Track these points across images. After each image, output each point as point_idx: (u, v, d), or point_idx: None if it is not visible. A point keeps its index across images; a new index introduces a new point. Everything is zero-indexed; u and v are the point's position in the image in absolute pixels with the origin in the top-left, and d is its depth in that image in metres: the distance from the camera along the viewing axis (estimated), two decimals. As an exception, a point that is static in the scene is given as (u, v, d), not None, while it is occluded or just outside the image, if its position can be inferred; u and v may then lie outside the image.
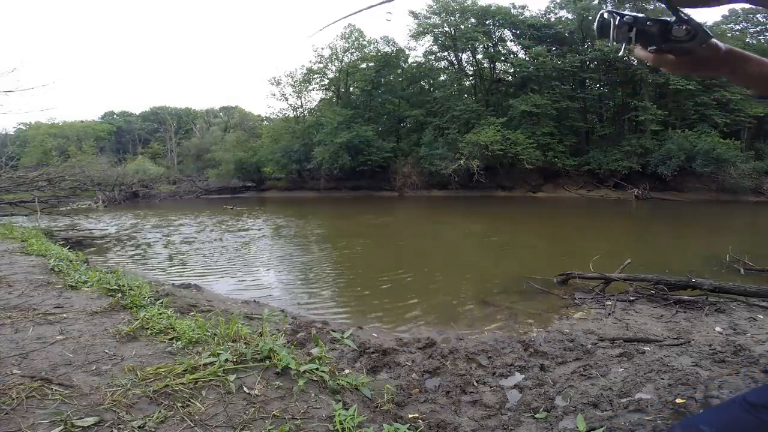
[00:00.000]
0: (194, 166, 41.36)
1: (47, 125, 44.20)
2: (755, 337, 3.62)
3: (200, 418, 1.58)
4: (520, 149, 24.32)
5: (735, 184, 21.61)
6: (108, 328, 2.44)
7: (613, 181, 25.09)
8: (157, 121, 57.99)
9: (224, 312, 3.97)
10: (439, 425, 2.16)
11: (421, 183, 27.88)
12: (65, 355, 2.05)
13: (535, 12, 31.53)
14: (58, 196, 15.56)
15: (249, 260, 8.31)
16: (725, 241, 8.09)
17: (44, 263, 4.41)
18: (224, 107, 59.99)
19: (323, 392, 1.94)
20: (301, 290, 6.24)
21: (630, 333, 3.84)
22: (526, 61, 28.34)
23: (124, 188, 25.88)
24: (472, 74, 32.99)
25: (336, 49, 31.96)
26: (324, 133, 28.24)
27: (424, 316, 4.81)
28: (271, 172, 33.01)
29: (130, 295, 3.14)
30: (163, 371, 1.89)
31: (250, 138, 38.62)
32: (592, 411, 2.42)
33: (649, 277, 5.14)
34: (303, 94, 34.38)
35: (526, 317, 4.56)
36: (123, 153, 50.57)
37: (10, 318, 2.56)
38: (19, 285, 3.44)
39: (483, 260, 8.13)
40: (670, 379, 2.74)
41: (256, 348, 2.14)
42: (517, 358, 3.25)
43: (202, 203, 25.61)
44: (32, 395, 1.63)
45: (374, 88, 31.75)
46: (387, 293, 5.79)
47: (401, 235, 12.50)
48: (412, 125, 31.50)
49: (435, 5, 29.89)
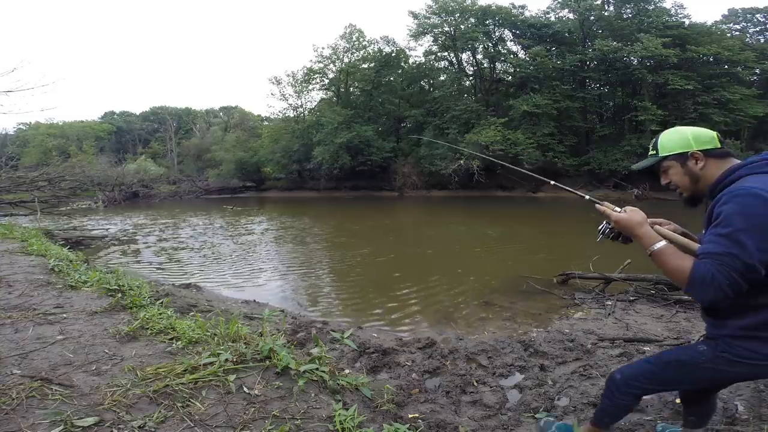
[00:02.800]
0: (194, 166, 41.43)
1: (46, 125, 44.23)
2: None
3: (200, 418, 1.58)
4: (521, 149, 24.34)
5: (735, 184, 21.61)
6: (108, 328, 2.44)
7: (613, 181, 25.09)
8: (157, 121, 58.05)
9: (224, 312, 3.97)
10: (439, 425, 2.16)
11: (421, 183, 27.90)
12: (65, 355, 2.05)
13: (535, 12, 31.65)
14: (58, 196, 15.59)
15: (249, 260, 8.31)
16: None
17: (44, 263, 4.41)
18: (224, 107, 60.12)
19: (323, 392, 1.94)
20: (301, 290, 6.23)
21: (630, 333, 3.84)
22: (526, 61, 28.33)
23: (124, 188, 25.87)
24: (472, 74, 33.01)
25: (336, 48, 32.00)
26: (324, 133, 28.25)
27: (424, 316, 4.80)
28: (271, 172, 33.04)
29: (130, 295, 3.14)
30: (163, 371, 1.89)
31: (250, 138, 38.62)
32: (592, 411, 2.42)
33: (649, 277, 5.13)
34: (303, 94, 34.43)
35: (526, 317, 4.56)
36: (123, 153, 50.63)
37: (10, 318, 2.56)
38: (19, 285, 3.45)
39: (483, 260, 8.12)
40: (670, 379, 2.74)
41: (256, 348, 2.14)
42: (517, 358, 3.24)
43: (202, 203, 25.62)
44: (32, 395, 1.63)
45: (374, 88, 31.75)
46: (387, 293, 5.79)
47: (401, 234, 12.50)
48: (412, 125, 31.51)
49: (434, 5, 29.92)
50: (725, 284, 1.21)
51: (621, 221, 1.49)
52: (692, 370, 1.47)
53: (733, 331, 1.38)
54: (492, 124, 25.71)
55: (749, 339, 1.34)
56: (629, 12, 28.50)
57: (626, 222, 1.47)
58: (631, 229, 1.46)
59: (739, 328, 1.36)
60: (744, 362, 1.36)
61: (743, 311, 1.35)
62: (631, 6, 28.38)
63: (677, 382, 1.60)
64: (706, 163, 1.41)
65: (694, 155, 1.42)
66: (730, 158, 1.41)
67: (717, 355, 1.40)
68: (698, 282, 1.25)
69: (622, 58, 26.28)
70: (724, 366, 1.40)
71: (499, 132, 24.86)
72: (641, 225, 1.45)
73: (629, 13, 28.48)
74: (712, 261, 1.24)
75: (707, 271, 1.23)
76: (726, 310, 1.39)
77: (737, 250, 1.20)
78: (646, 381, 1.56)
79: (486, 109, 28.88)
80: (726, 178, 1.36)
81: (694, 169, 1.43)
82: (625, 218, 1.48)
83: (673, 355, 1.57)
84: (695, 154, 1.42)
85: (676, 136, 1.48)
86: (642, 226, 1.45)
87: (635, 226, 1.45)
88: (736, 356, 1.36)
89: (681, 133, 1.47)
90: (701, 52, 24.80)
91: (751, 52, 24.90)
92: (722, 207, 1.27)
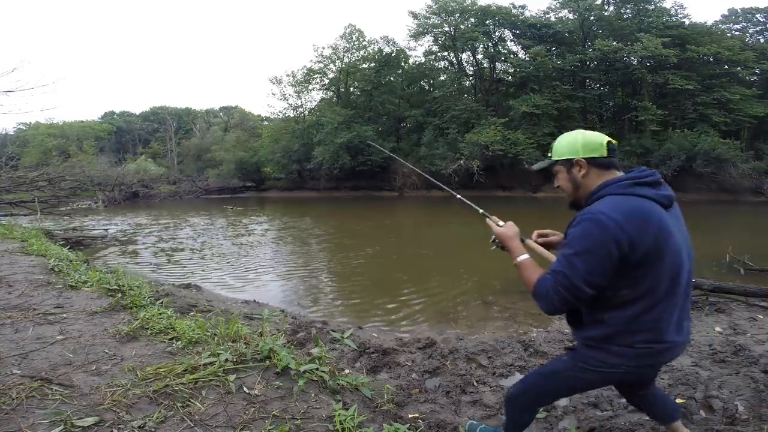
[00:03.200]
0: (194, 166, 41.41)
1: (46, 125, 44.22)
2: (755, 337, 3.62)
3: (200, 418, 1.58)
4: (521, 149, 24.33)
5: (735, 184, 21.61)
6: (108, 328, 2.44)
7: (613, 181, 25.08)
8: (157, 121, 58.04)
9: (224, 312, 3.97)
10: (439, 425, 2.16)
11: (421, 183, 27.84)
12: (65, 355, 2.05)
13: (535, 12, 31.61)
14: (58, 196, 15.57)
15: (249, 260, 8.31)
16: (725, 241, 8.08)
17: (44, 263, 4.41)
18: (224, 107, 60.11)
19: (323, 392, 1.94)
20: (301, 290, 6.24)
21: (630, 333, 3.84)
22: (526, 61, 28.33)
23: (124, 188, 25.84)
24: (472, 74, 33.02)
25: (336, 48, 31.99)
26: (324, 133, 28.24)
27: (424, 316, 4.80)
28: (271, 172, 33.01)
29: (130, 295, 3.14)
30: (163, 371, 1.89)
31: (250, 138, 38.61)
32: (592, 411, 2.42)
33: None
34: (303, 94, 34.40)
35: (526, 317, 4.56)
36: (123, 153, 50.63)
37: (10, 318, 2.56)
38: (19, 285, 3.45)
39: (483, 260, 8.12)
40: (670, 379, 2.74)
41: (256, 348, 2.14)
42: (517, 358, 3.24)
43: (202, 203, 25.61)
44: (32, 395, 1.63)
45: (374, 88, 31.74)
46: (387, 293, 5.78)
47: (401, 234, 12.50)
48: (412, 125, 31.51)
49: (434, 5, 29.92)
50: (555, 299, 1.33)
51: (499, 235, 1.64)
52: (564, 379, 1.57)
53: (586, 341, 1.47)
54: (492, 124, 25.71)
55: (596, 349, 1.44)
56: (629, 12, 28.51)
57: (501, 235, 1.63)
58: (504, 241, 1.62)
59: (590, 338, 1.45)
60: (594, 370, 1.46)
61: (592, 324, 1.44)
62: (631, 6, 28.39)
63: (559, 391, 1.69)
64: (588, 171, 1.44)
65: (578, 162, 1.45)
66: (612, 170, 1.44)
67: (575, 364, 1.52)
68: (537, 295, 1.40)
69: (622, 58, 26.29)
70: (580, 373, 1.51)
71: (499, 132, 24.86)
72: (511, 239, 1.60)
73: (629, 13, 28.49)
74: (552, 278, 1.35)
75: (545, 287, 1.36)
76: (580, 322, 1.48)
77: (569, 271, 1.31)
78: (534, 393, 1.67)
79: (486, 109, 28.89)
80: (595, 194, 1.41)
81: (577, 176, 1.46)
82: (501, 232, 1.63)
83: (548, 366, 1.71)
84: (579, 161, 1.45)
85: (567, 141, 1.50)
86: (512, 240, 1.59)
87: (506, 240, 1.61)
88: (588, 365, 1.47)
89: (573, 139, 1.48)
90: (701, 52, 24.80)
91: (751, 52, 24.90)
92: (572, 229, 1.36)
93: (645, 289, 1.32)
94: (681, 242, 1.36)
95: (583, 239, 1.30)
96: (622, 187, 1.36)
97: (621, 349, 1.38)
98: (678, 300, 1.37)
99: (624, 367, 1.41)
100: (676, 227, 1.36)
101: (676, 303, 1.37)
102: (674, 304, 1.36)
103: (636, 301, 1.33)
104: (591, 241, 1.28)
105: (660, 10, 27.49)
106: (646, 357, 1.39)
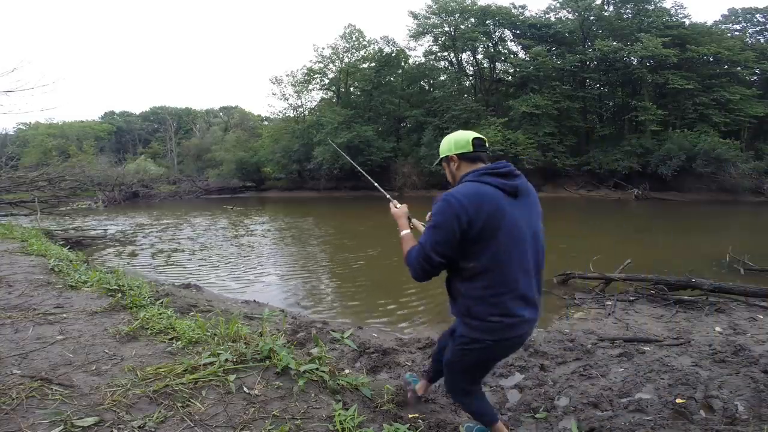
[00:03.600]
0: (194, 166, 41.39)
1: (46, 125, 44.20)
2: (755, 337, 3.62)
3: (200, 418, 1.58)
4: (521, 149, 24.32)
5: (735, 184, 21.61)
6: (108, 328, 2.44)
7: (613, 181, 25.09)
8: (157, 121, 58.05)
9: (224, 312, 3.97)
10: (439, 425, 2.16)
11: (421, 183, 27.84)
12: (65, 355, 2.05)
13: (535, 12, 31.60)
14: (58, 196, 15.55)
15: (249, 260, 8.31)
16: (725, 241, 8.09)
17: (44, 263, 4.41)
18: (224, 107, 60.09)
19: (323, 392, 1.94)
20: (301, 290, 6.23)
21: (630, 333, 3.84)
22: (526, 61, 28.33)
23: (124, 188, 25.83)
24: (472, 74, 33.02)
25: (336, 48, 31.98)
26: (324, 133, 28.22)
27: (424, 316, 4.80)
28: (271, 172, 33.00)
29: (130, 295, 3.14)
30: (163, 371, 1.89)
31: (250, 138, 38.62)
32: (592, 411, 2.42)
33: (649, 277, 5.13)
34: (303, 94, 34.39)
35: (526, 317, 4.55)
36: (123, 153, 50.63)
37: (10, 318, 2.56)
38: (19, 285, 3.45)
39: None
40: (670, 379, 2.74)
41: (256, 348, 2.14)
42: (517, 358, 3.24)
43: (202, 203, 25.60)
44: (32, 395, 1.63)
45: (374, 88, 31.72)
46: (387, 293, 5.78)
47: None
48: (412, 125, 31.50)
49: (434, 5, 29.92)
50: (417, 266, 1.58)
51: (393, 214, 1.97)
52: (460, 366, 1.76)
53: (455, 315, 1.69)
54: (492, 124, 25.70)
55: (463, 325, 1.65)
56: (629, 12, 28.50)
57: (394, 215, 1.96)
58: (396, 218, 1.93)
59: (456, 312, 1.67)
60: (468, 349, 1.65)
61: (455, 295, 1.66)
62: (631, 6, 28.38)
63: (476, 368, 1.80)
64: (459, 164, 1.73)
65: (452, 158, 1.74)
66: (478, 162, 1.70)
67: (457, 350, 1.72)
68: (407, 263, 1.64)
69: (622, 58, 26.28)
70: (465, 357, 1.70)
71: (500, 132, 24.85)
72: (400, 218, 1.92)
73: (629, 13, 28.48)
74: (417, 248, 1.60)
75: (412, 256, 1.62)
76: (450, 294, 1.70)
77: (424, 240, 1.57)
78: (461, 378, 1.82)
79: (486, 109, 28.88)
80: (460, 182, 1.67)
81: (453, 168, 1.75)
82: (394, 212, 1.97)
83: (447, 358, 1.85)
84: (452, 157, 1.73)
85: (445, 141, 1.77)
86: (400, 218, 1.91)
87: (396, 218, 1.93)
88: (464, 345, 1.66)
89: (448, 140, 1.76)
90: (701, 52, 24.79)
91: (751, 52, 24.89)
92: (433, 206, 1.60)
93: (486, 263, 1.52)
94: (524, 227, 1.58)
95: (436, 215, 1.56)
96: (475, 176, 1.61)
97: (479, 323, 1.57)
98: (527, 279, 1.58)
99: (486, 341, 1.59)
100: (520, 214, 1.58)
101: (524, 281, 1.57)
102: (522, 282, 1.56)
103: (481, 274, 1.54)
104: (441, 216, 1.53)
105: (660, 10, 27.48)
106: (498, 331, 1.57)
